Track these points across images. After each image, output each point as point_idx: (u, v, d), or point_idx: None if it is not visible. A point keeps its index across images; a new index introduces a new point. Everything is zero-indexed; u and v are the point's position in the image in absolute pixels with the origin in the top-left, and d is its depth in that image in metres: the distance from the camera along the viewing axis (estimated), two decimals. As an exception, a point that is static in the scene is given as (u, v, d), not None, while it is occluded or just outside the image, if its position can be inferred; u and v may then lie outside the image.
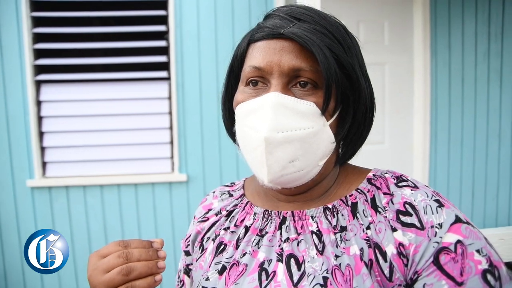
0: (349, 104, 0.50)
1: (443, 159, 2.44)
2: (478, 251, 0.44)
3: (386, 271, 0.45)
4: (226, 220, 0.61)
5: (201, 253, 0.62)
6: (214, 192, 0.70)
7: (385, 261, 0.46)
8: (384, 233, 0.47)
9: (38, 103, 2.11)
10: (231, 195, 0.66)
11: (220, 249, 0.58)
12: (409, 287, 0.45)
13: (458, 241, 0.44)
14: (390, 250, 0.46)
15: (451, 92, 2.42)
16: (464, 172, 2.45)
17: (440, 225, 0.45)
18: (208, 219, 0.65)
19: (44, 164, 2.14)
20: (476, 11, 2.40)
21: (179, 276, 0.69)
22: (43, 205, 2.12)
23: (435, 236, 0.45)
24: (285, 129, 0.46)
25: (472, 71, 2.41)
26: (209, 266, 0.58)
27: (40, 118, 2.12)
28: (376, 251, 0.46)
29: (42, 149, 2.13)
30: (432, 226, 0.45)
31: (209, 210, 0.67)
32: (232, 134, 0.58)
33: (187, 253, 0.67)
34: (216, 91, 2.19)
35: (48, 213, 2.12)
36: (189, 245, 0.67)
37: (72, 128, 2.15)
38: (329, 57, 0.46)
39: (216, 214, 0.64)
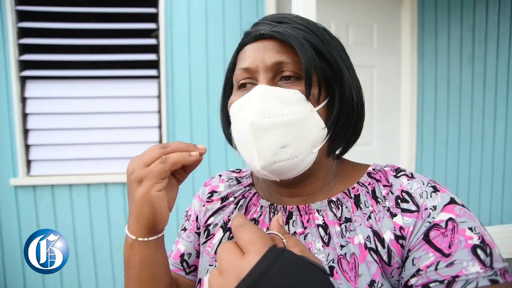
0: (335, 91, 0.51)
1: (429, 160, 2.50)
2: (470, 228, 0.44)
3: (385, 257, 0.47)
4: (235, 208, 0.62)
5: (206, 238, 0.62)
6: (220, 175, 0.70)
7: (383, 247, 0.48)
8: (382, 221, 0.49)
9: (23, 100, 2.06)
10: (239, 182, 0.66)
11: (229, 237, 0.59)
12: (402, 265, 0.47)
13: (450, 219, 0.45)
14: (388, 236, 0.48)
15: (437, 95, 2.48)
16: (449, 173, 2.52)
17: (434, 207, 0.47)
18: (212, 201, 0.65)
19: (28, 162, 2.09)
20: (461, 17, 2.47)
21: (184, 261, 0.65)
22: (27, 205, 2.07)
23: (429, 216, 0.46)
24: (271, 115, 0.47)
25: (457, 75, 2.48)
26: (215, 253, 0.58)
27: (25, 115, 2.06)
28: (375, 238, 0.48)
29: (27, 146, 2.08)
30: (426, 209, 0.47)
31: (214, 192, 0.66)
32: (230, 139, 0.59)
33: (200, 235, 0.66)
34: (206, 90, 2.18)
35: (32, 213, 2.07)
36: (200, 227, 0.66)
37: (58, 125, 2.10)
38: (304, 44, 0.48)
39: (222, 199, 0.64)
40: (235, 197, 0.63)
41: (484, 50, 2.49)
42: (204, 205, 0.66)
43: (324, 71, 0.50)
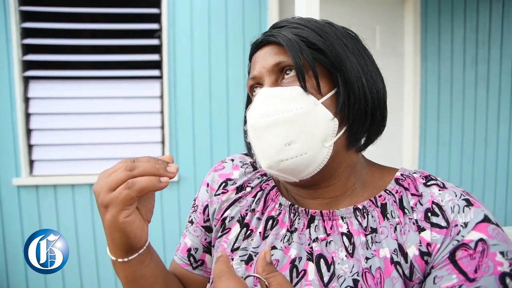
0: (339, 80, 0.50)
1: (432, 162, 2.49)
2: (502, 253, 0.41)
3: (407, 271, 0.45)
4: (253, 201, 0.59)
5: (222, 232, 0.59)
6: (232, 160, 0.65)
7: (406, 262, 0.46)
8: (407, 234, 0.47)
9: (26, 100, 2.06)
10: (254, 168, 0.63)
11: (247, 234, 0.57)
12: (423, 281, 0.45)
13: (481, 239, 0.42)
14: (412, 251, 0.46)
15: (440, 97, 2.47)
16: (452, 175, 2.51)
17: (465, 224, 0.44)
18: (227, 191, 0.61)
19: (31, 162, 2.09)
20: (464, 19, 2.46)
21: (190, 255, 0.64)
22: (30, 205, 2.07)
23: (458, 234, 0.44)
24: (270, 114, 0.47)
25: (460, 77, 2.47)
26: (232, 250, 0.56)
27: (27, 115, 2.07)
28: (399, 252, 0.47)
29: (30, 146, 2.08)
30: (456, 225, 0.44)
31: (228, 180, 0.62)
32: (249, 147, 0.58)
33: (208, 229, 0.63)
34: (208, 90, 2.18)
35: (35, 213, 2.07)
36: (209, 219, 0.63)
37: (61, 125, 2.11)
38: (292, 39, 0.49)
39: (238, 188, 0.61)
40: (252, 188, 0.60)
41: (487, 52, 2.48)
42: (216, 195, 0.62)
43: (320, 61, 0.48)
